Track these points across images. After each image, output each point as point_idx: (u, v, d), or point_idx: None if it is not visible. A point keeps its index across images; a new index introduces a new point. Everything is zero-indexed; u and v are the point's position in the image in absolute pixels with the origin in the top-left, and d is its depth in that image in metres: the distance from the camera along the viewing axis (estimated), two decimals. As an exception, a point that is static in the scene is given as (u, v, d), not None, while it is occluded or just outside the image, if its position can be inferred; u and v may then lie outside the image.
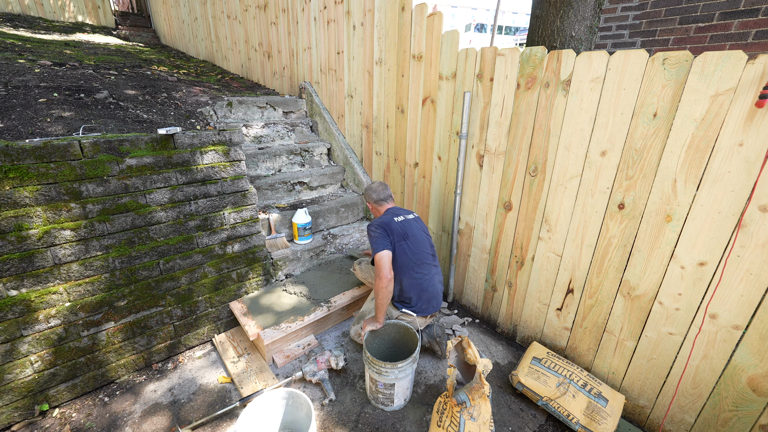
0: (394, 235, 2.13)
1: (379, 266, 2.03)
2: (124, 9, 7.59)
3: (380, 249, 2.06)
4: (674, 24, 2.99)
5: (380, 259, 2.04)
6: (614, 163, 1.76)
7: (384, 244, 2.08)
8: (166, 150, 2.03)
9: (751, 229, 1.43)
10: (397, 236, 2.14)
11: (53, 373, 1.89)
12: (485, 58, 2.14)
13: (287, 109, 3.67)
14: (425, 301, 2.17)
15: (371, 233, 2.14)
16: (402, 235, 2.16)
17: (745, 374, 1.56)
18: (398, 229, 2.16)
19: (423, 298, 2.16)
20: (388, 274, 2.02)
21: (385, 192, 2.37)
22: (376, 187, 2.37)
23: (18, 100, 2.45)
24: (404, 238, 2.15)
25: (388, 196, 2.37)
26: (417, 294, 2.15)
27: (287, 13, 3.67)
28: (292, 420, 1.80)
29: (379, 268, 2.03)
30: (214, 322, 2.42)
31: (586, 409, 1.82)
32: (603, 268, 1.91)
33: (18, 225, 1.68)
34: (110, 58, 4.48)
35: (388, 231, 2.13)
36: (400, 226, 2.18)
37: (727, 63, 1.38)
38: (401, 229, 2.17)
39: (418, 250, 2.18)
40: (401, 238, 2.15)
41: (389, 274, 2.03)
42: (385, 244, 2.08)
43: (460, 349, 1.84)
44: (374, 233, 2.13)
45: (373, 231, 2.15)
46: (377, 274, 2.03)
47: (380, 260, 2.04)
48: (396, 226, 2.17)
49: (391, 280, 2.03)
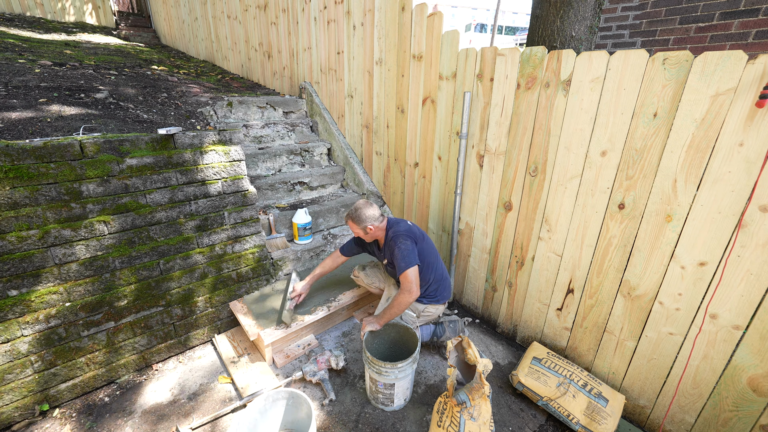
0: (417, 240, 2.10)
1: (411, 281, 1.96)
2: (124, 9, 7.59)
3: (413, 263, 1.98)
4: (674, 24, 2.98)
5: (413, 273, 1.97)
6: (614, 163, 1.76)
7: (416, 258, 2.01)
8: (166, 150, 2.03)
9: (751, 229, 1.43)
10: (420, 240, 2.12)
11: (53, 373, 1.89)
12: (485, 58, 2.14)
13: (287, 109, 3.67)
14: (445, 288, 2.23)
15: (402, 245, 2.02)
16: (421, 235, 2.16)
17: (745, 374, 1.56)
18: (417, 232, 2.16)
19: (443, 286, 2.22)
20: (418, 290, 1.97)
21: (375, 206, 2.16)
22: (366, 211, 2.09)
23: (18, 100, 2.45)
24: (423, 238, 2.16)
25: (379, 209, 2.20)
26: (439, 284, 2.19)
27: (287, 13, 3.67)
28: (292, 420, 1.80)
29: (410, 283, 1.95)
30: (214, 322, 2.42)
31: (587, 409, 1.82)
32: (603, 268, 1.91)
33: (18, 225, 1.68)
34: (110, 58, 4.48)
35: (414, 238, 2.08)
36: (417, 228, 2.19)
37: (728, 63, 1.38)
38: (419, 230, 2.18)
39: (431, 244, 2.22)
40: (422, 238, 2.15)
41: (419, 289, 1.98)
42: (416, 256, 2.02)
43: (461, 349, 1.84)
44: (405, 245, 2.02)
45: (403, 243, 2.03)
46: (407, 289, 1.95)
47: (413, 275, 1.97)
48: (415, 229, 2.16)
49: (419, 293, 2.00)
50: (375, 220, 2.10)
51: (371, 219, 2.09)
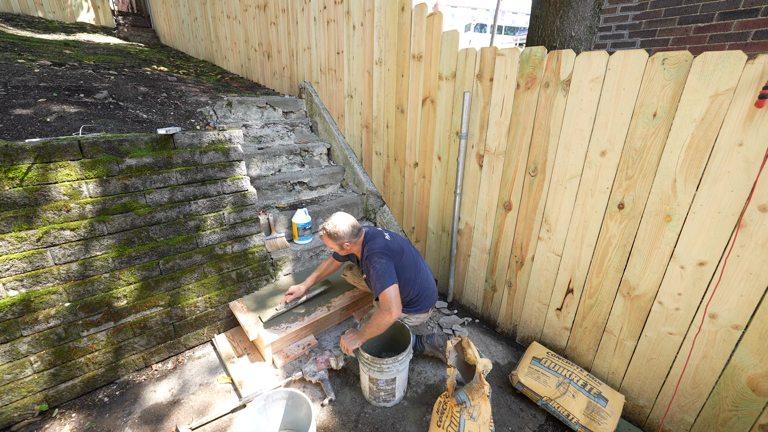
0: (395, 256, 1.98)
1: (390, 301, 1.82)
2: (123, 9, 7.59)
3: (390, 283, 1.85)
4: (674, 24, 2.99)
5: (392, 293, 1.83)
6: (614, 163, 1.76)
7: (393, 276, 1.88)
8: (165, 150, 2.03)
9: (750, 229, 1.44)
10: (397, 255, 1.99)
11: (53, 374, 1.88)
12: (485, 58, 2.14)
13: (287, 109, 3.67)
14: (427, 297, 2.16)
15: (377, 265, 1.88)
16: (399, 250, 2.03)
17: (744, 374, 1.56)
18: (396, 247, 2.02)
19: (425, 296, 2.15)
20: (399, 311, 1.83)
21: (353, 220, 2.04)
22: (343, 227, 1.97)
23: (17, 100, 2.45)
24: (402, 251, 2.03)
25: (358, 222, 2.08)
26: (419, 294, 2.12)
27: (287, 13, 3.67)
28: (292, 420, 1.80)
29: (389, 303, 1.82)
30: (213, 322, 2.42)
31: (586, 409, 1.82)
32: (603, 268, 1.91)
33: (18, 225, 1.68)
34: (110, 58, 4.48)
35: (392, 255, 1.96)
36: (395, 242, 2.05)
37: (727, 63, 1.38)
38: (397, 245, 2.04)
39: (412, 255, 2.12)
40: (400, 253, 2.01)
41: (400, 309, 1.84)
42: (393, 274, 1.89)
43: (460, 349, 1.84)
44: (380, 265, 1.88)
45: (377, 262, 1.89)
46: (387, 309, 1.82)
47: (392, 294, 1.83)
48: (392, 244, 2.01)
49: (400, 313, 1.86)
50: (352, 237, 1.99)
51: (348, 236, 1.97)
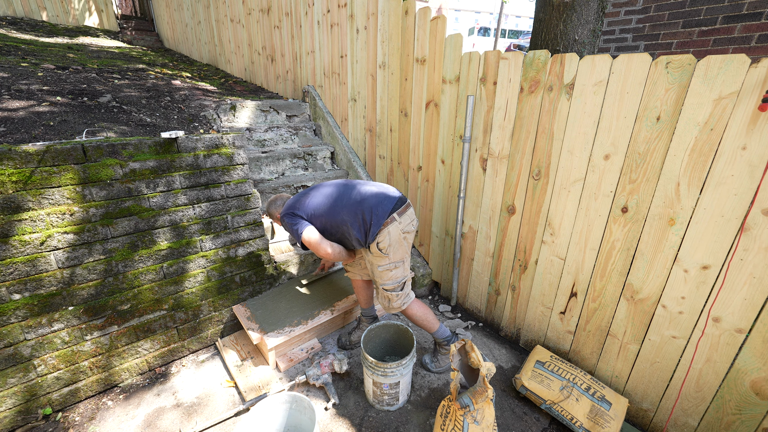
0: (298, 207, 2.01)
1: (314, 244, 1.95)
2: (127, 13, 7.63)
3: (303, 226, 1.95)
4: (677, 28, 3.00)
5: (309, 234, 1.94)
6: (617, 167, 1.76)
7: (302, 223, 1.96)
8: (169, 154, 2.04)
9: (754, 233, 1.43)
10: (301, 206, 2.01)
11: (56, 377, 1.89)
12: (489, 61, 2.15)
13: (290, 112, 3.68)
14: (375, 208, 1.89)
15: (286, 222, 2.02)
16: (303, 196, 2.05)
17: (748, 377, 1.56)
18: (299, 197, 2.06)
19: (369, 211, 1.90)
20: (327, 248, 1.96)
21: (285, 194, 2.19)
22: (275, 201, 2.17)
23: (21, 104, 2.46)
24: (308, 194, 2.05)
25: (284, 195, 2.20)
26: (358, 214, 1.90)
27: (290, 16, 3.69)
28: (295, 424, 1.79)
29: (316, 245, 1.96)
30: (217, 326, 2.42)
31: (590, 412, 1.82)
32: (606, 272, 1.91)
33: (21, 229, 1.68)
34: (113, 62, 4.50)
35: (293, 210, 2.02)
36: (301, 193, 2.09)
37: (730, 67, 1.38)
38: (303, 194, 2.07)
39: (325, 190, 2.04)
40: (306, 196, 2.05)
41: (328, 246, 1.97)
42: (301, 221, 1.97)
43: (464, 352, 1.84)
44: (289, 221, 1.99)
45: (286, 221, 2.01)
46: (316, 249, 1.96)
47: (309, 235, 1.94)
48: (296, 197, 2.07)
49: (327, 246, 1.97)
50: (279, 207, 2.13)
51: (274, 206, 2.16)
